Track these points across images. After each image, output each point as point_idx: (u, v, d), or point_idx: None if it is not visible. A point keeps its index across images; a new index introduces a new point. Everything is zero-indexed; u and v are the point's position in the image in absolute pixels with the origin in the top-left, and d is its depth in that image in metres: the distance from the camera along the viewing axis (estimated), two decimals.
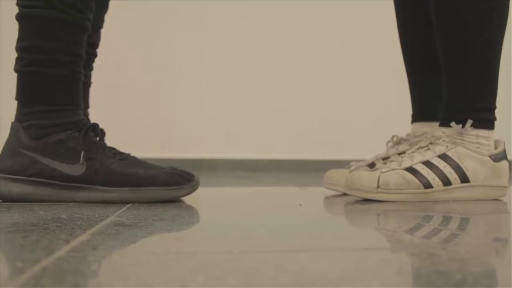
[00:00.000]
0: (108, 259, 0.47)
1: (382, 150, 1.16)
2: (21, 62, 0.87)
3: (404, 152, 1.09)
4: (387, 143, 1.14)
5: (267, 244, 0.53)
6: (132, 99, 2.39)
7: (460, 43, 0.98)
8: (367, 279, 0.39)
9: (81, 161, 0.86)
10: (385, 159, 1.10)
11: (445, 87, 1.02)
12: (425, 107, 1.14)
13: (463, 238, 0.60)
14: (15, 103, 0.89)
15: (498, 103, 1.01)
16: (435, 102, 1.10)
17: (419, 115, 1.14)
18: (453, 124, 0.98)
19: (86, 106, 1.05)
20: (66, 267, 0.41)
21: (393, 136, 1.14)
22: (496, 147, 1.02)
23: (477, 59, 0.98)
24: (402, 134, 1.15)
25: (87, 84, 1.05)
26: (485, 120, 1.00)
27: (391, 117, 2.14)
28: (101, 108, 1.24)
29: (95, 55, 1.06)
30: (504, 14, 0.98)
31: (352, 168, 1.09)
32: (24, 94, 0.87)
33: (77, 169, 0.86)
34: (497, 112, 1.02)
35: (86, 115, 1.04)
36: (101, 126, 0.92)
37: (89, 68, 1.05)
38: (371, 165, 1.10)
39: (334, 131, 2.50)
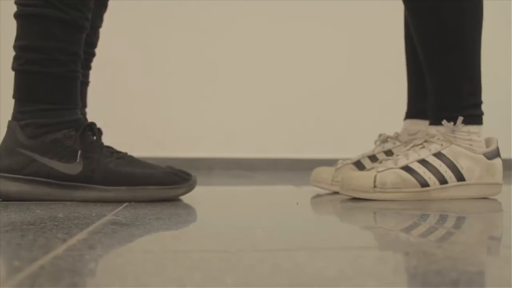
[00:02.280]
0: (105, 258, 0.47)
1: None
2: (18, 61, 0.87)
3: (390, 150, 1.10)
4: (375, 142, 1.15)
5: (264, 243, 0.54)
6: (129, 99, 2.39)
7: (439, 43, 1.00)
8: (363, 278, 0.39)
9: (78, 160, 0.86)
10: (371, 157, 1.11)
11: (430, 86, 1.03)
12: (423, 105, 1.14)
13: (459, 236, 0.60)
14: (13, 101, 0.88)
15: (498, 103, 1.02)
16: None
17: (413, 112, 1.15)
18: (444, 122, 0.98)
19: (84, 105, 1.05)
20: (63, 266, 0.42)
21: (380, 135, 1.15)
22: (489, 145, 1.02)
23: (458, 58, 1.00)
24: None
25: (85, 83, 1.05)
26: (474, 116, 1.01)
27: (388, 116, 2.14)
28: (98, 107, 1.24)
29: (93, 55, 1.06)
30: (476, 8, 1.00)
31: (339, 166, 1.10)
32: (21, 93, 0.87)
33: (74, 168, 0.86)
34: (497, 112, 1.02)
35: (84, 114, 1.04)
36: (98, 125, 0.92)
37: (87, 67, 1.05)
38: (357, 163, 1.11)
39: (331, 130, 2.50)
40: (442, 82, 1.02)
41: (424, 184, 0.95)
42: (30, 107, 0.86)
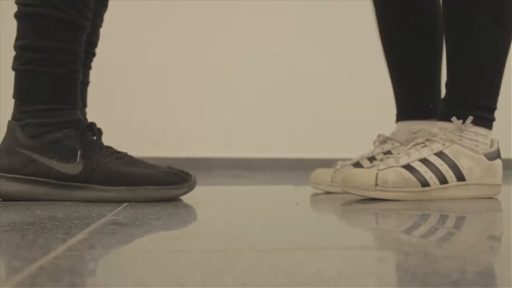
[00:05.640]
0: (104, 258, 0.47)
1: None
2: (19, 61, 0.86)
3: (389, 151, 1.10)
4: (374, 142, 1.15)
5: (263, 243, 0.54)
6: (129, 99, 2.39)
7: (469, 41, 0.99)
8: (363, 278, 0.39)
9: (78, 160, 0.86)
10: (370, 158, 1.11)
11: (448, 83, 1.02)
12: (410, 106, 1.14)
13: (459, 236, 0.60)
14: (13, 101, 0.88)
15: (498, 103, 1.02)
16: (419, 101, 1.10)
17: (403, 115, 1.15)
18: (454, 119, 0.98)
19: (84, 105, 1.05)
20: (63, 266, 0.42)
21: (379, 135, 1.14)
22: (490, 146, 1.02)
23: (484, 57, 0.99)
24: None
25: (85, 83, 1.04)
26: (485, 119, 1.00)
27: (387, 117, 2.14)
28: (98, 107, 1.24)
29: (93, 54, 1.05)
30: None
31: (338, 167, 1.10)
32: (22, 93, 0.87)
33: (74, 168, 0.86)
34: (497, 112, 1.02)
35: (84, 114, 1.04)
36: (98, 125, 0.92)
37: (88, 67, 1.05)
38: (356, 165, 1.10)
39: (331, 130, 2.50)
40: (462, 79, 1.01)
41: (425, 183, 0.95)
42: (30, 107, 0.86)
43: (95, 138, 0.90)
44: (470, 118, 0.97)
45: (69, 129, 0.87)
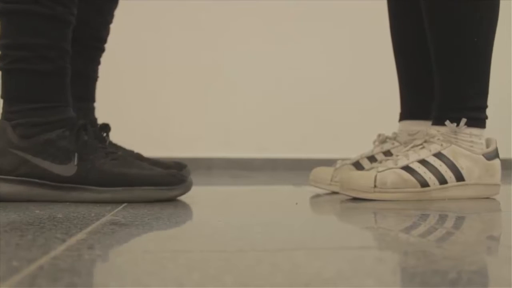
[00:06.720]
0: (104, 258, 0.47)
1: None
2: (4, 60, 0.84)
3: (388, 151, 1.10)
4: (374, 142, 1.15)
5: (263, 243, 0.54)
6: (129, 99, 2.39)
7: (453, 42, 0.99)
8: (362, 278, 0.39)
9: (72, 161, 0.85)
10: (370, 157, 1.11)
11: (438, 86, 1.02)
12: (414, 105, 1.14)
13: (458, 236, 0.60)
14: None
15: (498, 103, 1.02)
16: (424, 101, 1.10)
17: (407, 114, 1.15)
18: (447, 122, 0.98)
19: (92, 100, 1.05)
20: (62, 266, 0.42)
21: (379, 135, 1.14)
22: (488, 146, 1.02)
23: (470, 58, 0.99)
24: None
25: (94, 78, 1.05)
26: (478, 119, 1.01)
27: (387, 116, 2.14)
28: (98, 107, 1.24)
29: (102, 50, 1.05)
30: (493, 13, 0.99)
31: (338, 166, 1.10)
32: (10, 92, 0.85)
33: (68, 169, 0.85)
34: (497, 112, 1.02)
35: (92, 109, 1.04)
36: (103, 122, 0.91)
37: (97, 62, 1.05)
38: (356, 164, 1.11)
39: (331, 130, 2.50)
40: (450, 82, 1.01)
41: (424, 184, 0.95)
42: (19, 106, 0.85)
43: (87, 138, 0.88)
44: (464, 120, 0.98)
45: (63, 129, 0.86)
